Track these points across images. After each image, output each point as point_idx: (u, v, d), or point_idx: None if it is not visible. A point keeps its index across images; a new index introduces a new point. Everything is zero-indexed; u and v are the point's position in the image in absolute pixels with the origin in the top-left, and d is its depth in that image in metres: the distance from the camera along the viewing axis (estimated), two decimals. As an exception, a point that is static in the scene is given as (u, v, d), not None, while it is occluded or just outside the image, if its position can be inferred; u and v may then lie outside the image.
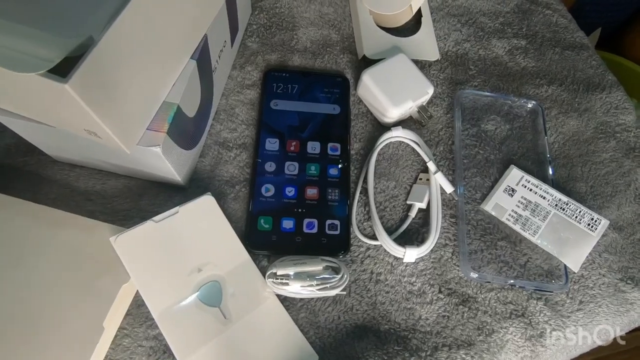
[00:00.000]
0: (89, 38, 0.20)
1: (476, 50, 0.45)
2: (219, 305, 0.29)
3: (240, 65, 0.41)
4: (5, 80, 0.22)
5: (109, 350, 0.29)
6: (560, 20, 0.49)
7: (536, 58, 0.46)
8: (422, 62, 0.43)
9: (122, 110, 0.24)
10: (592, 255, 0.36)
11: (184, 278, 0.30)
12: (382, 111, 0.38)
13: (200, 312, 0.29)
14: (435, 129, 0.41)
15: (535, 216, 0.36)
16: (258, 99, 0.39)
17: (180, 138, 0.30)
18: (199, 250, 0.31)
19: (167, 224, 0.30)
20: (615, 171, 0.41)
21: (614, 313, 0.35)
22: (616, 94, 0.45)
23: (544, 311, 0.34)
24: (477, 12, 0.48)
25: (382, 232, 0.34)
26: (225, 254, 0.31)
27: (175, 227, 0.31)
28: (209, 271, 0.30)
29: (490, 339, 0.33)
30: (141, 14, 0.23)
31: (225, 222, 0.32)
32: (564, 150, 0.41)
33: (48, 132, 0.28)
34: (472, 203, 0.37)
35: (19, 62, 0.19)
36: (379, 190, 0.37)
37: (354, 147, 0.39)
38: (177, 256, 0.30)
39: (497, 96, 0.42)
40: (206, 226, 0.31)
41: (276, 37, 0.43)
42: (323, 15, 0.45)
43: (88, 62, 0.20)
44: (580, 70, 0.46)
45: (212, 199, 0.32)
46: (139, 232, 0.30)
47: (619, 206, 0.39)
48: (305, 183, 0.36)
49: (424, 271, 0.34)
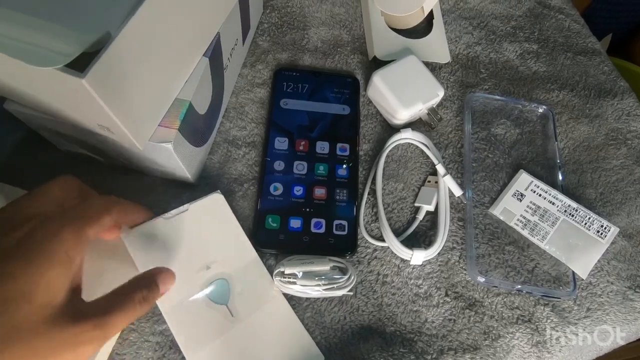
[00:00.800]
0: (106, 34, 0.20)
1: (487, 53, 0.45)
2: (226, 303, 0.30)
3: (251, 64, 0.41)
4: (22, 73, 0.22)
5: (116, 344, 0.29)
6: (573, 25, 0.49)
7: (548, 63, 0.46)
8: (433, 65, 0.43)
9: (135, 106, 0.25)
10: (601, 262, 0.36)
11: (193, 275, 0.30)
12: (391, 112, 0.38)
13: (208, 309, 0.29)
14: (444, 131, 0.40)
15: (544, 222, 0.36)
16: (268, 98, 0.40)
17: (191, 135, 0.30)
18: (207, 247, 0.31)
19: (176, 220, 0.31)
20: (625, 178, 0.40)
21: (621, 321, 0.35)
22: (628, 101, 0.45)
23: (551, 317, 0.34)
24: (489, 15, 0.48)
25: (389, 233, 0.34)
26: (234, 252, 0.31)
27: (184, 224, 0.31)
28: (217, 269, 0.30)
29: (497, 343, 0.32)
30: (157, 10, 0.23)
31: (234, 220, 0.32)
32: (574, 156, 0.41)
33: (61, 126, 0.28)
34: (480, 207, 0.37)
35: (37, 56, 0.19)
36: (387, 192, 0.37)
37: (362, 148, 0.39)
38: (186, 253, 0.30)
39: (507, 100, 0.42)
40: (215, 224, 0.32)
41: (287, 36, 0.43)
42: (334, 15, 0.45)
43: (105, 58, 0.20)
44: (592, 76, 0.46)
45: (222, 198, 0.32)
46: (148, 228, 0.30)
47: (628, 214, 0.39)
48: (314, 183, 0.36)
49: (431, 274, 0.34)
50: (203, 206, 0.32)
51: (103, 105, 0.21)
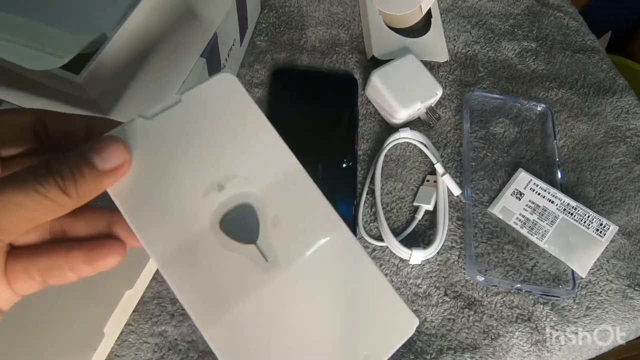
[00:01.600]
0: (102, 35, 0.20)
1: (486, 52, 0.45)
2: (255, 241, 0.19)
3: (249, 64, 0.41)
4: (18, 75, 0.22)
5: (115, 346, 0.29)
6: (571, 23, 0.49)
7: (546, 61, 0.46)
8: (431, 63, 0.43)
9: (131, 106, 0.24)
10: (600, 260, 0.36)
11: (197, 201, 0.19)
12: (390, 112, 0.38)
13: (227, 252, 0.18)
14: (443, 130, 0.40)
15: (543, 220, 0.36)
16: (266, 98, 0.39)
17: (188, 136, 0.30)
18: (218, 156, 0.19)
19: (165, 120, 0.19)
20: (625, 176, 0.40)
21: (621, 319, 0.34)
22: (627, 99, 0.44)
23: (550, 316, 0.34)
24: (488, 13, 0.48)
25: (388, 233, 0.34)
26: (262, 159, 0.19)
27: (178, 124, 0.19)
28: (236, 188, 0.19)
29: (496, 343, 0.32)
30: (153, 11, 0.23)
31: (256, 112, 0.20)
32: (573, 154, 0.41)
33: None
34: (479, 206, 0.37)
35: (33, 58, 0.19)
36: (385, 192, 0.37)
37: (361, 147, 0.39)
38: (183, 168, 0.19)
39: (506, 99, 0.42)
40: (228, 119, 0.20)
41: (285, 36, 0.43)
42: (332, 14, 0.45)
43: (101, 59, 0.20)
44: (591, 74, 0.46)
45: (233, 78, 0.20)
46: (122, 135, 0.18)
47: (628, 212, 0.38)
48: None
49: (430, 273, 0.34)
50: (205, 94, 0.20)
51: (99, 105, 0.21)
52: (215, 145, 0.19)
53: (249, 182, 0.19)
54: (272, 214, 0.19)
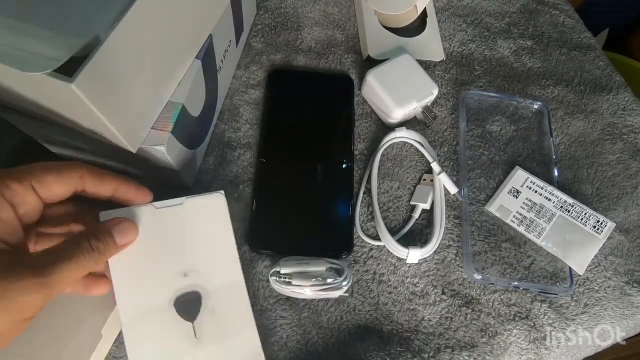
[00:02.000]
0: (95, 38, 0.20)
1: (481, 50, 0.45)
2: (192, 320, 0.26)
3: (245, 65, 0.41)
4: (12, 79, 0.22)
5: (113, 347, 0.29)
6: (567, 21, 0.49)
7: (542, 59, 0.46)
8: (427, 63, 0.43)
9: (127, 109, 0.25)
10: (598, 257, 0.36)
11: (167, 279, 0.26)
12: (386, 111, 0.38)
13: (172, 323, 0.25)
14: (439, 129, 0.40)
15: (540, 218, 0.36)
16: (262, 99, 0.40)
17: (184, 137, 0.30)
18: (191, 252, 0.26)
19: (167, 213, 0.26)
20: (621, 173, 0.40)
21: (619, 316, 0.34)
22: (623, 95, 0.44)
23: (548, 314, 0.34)
24: (483, 12, 0.48)
25: (385, 232, 0.34)
26: (219, 266, 0.27)
27: (174, 219, 0.26)
28: (194, 279, 0.26)
29: (494, 341, 0.32)
30: (147, 14, 0.23)
31: (229, 230, 0.27)
32: (570, 151, 0.41)
33: (54, 131, 0.28)
34: (476, 204, 0.37)
35: (26, 62, 0.19)
36: (382, 191, 0.37)
37: (357, 147, 0.39)
38: (167, 252, 0.26)
39: (502, 97, 0.42)
40: (208, 228, 0.27)
41: (281, 37, 0.43)
42: (328, 15, 0.45)
43: (94, 62, 0.20)
44: (587, 71, 0.46)
45: (224, 200, 0.28)
46: (133, 214, 0.26)
47: (625, 208, 0.38)
48: (309, 183, 0.36)
49: (427, 272, 0.34)
50: (200, 204, 0.27)
51: (93, 109, 0.21)
52: (191, 244, 0.27)
53: (205, 278, 0.26)
54: (211, 304, 0.26)
